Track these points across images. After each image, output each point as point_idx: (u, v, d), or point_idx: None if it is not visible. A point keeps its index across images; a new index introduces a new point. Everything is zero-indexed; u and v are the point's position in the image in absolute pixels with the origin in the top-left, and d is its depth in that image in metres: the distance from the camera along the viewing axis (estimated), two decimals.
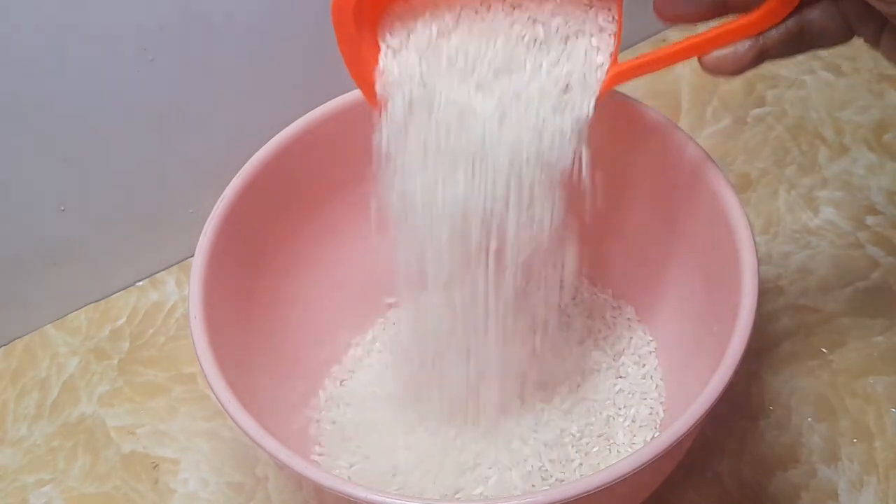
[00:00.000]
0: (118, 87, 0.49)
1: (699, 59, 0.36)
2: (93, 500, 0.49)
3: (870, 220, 0.56)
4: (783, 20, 0.35)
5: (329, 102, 0.46)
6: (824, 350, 0.51)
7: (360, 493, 0.34)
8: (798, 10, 0.35)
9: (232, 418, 0.37)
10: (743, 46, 0.35)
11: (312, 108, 0.46)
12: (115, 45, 0.47)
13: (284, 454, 0.35)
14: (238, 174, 0.44)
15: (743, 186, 0.58)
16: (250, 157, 0.45)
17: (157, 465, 0.49)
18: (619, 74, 0.37)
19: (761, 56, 0.36)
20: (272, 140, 0.45)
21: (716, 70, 0.36)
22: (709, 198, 0.42)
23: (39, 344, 0.55)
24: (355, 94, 0.47)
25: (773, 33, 0.35)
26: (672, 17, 0.36)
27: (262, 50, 0.51)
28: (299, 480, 0.40)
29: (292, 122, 0.46)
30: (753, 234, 0.40)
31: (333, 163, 0.48)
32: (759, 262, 0.39)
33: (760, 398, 0.49)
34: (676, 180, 0.45)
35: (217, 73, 0.51)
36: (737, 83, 0.64)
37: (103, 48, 0.47)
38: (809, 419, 0.48)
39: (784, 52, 0.36)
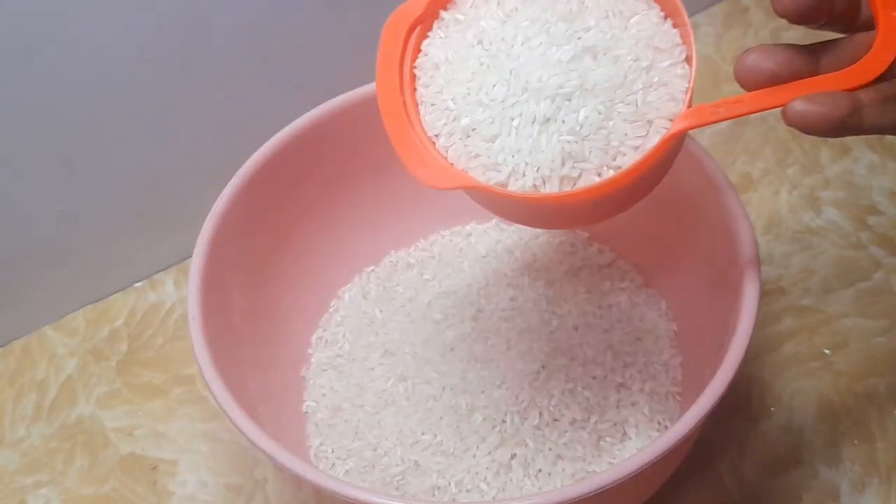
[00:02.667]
0: (116, 86, 0.48)
1: (782, 111, 0.32)
2: (91, 501, 0.48)
3: (872, 220, 0.56)
4: (877, 79, 0.31)
5: (326, 103, 0.47)
6: (826, 351, 0.50)
7: (360, 494, 0.34)
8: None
9: (231, 420, 0.37)
10: (835, 104, 0.31)
11: (310, 109, 0.46)
12: (114, 44, 0.47)
13: (283, 456, 0.35)
14: (236, 175, 0.44)
15: (744, 186, 0.58)
16: (248, 157, 0.45)
17: (155, 467, 0.49)
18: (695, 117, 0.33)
19: (855, 113, 0.31)
20: (270, 141, 0.45)
21: (801, 124, 0.31)
22: (710, 198, 0.42)
23: (37, 345, 0.55)
24: (352, 94, 0.47)
25: (869, 94, 0.31)
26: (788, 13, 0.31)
27: (260, 50, 0.51)
28: (299, 482, 0.40)
29: (290, 122, 0.46)
30: (755, 235, 0.40)
31: (331, 163, 0.48)
32: (761, 262, 0.39)
33: (762, 399, 0.49)
34: (677, 181, 0.45)
35: (215, 73, 0.51)
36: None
37: (102, 48, 0.47)
38: (811, 420, 0.48)
39: (883, 119, 0.31)
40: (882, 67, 0.32)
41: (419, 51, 0.36)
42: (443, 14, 0.36)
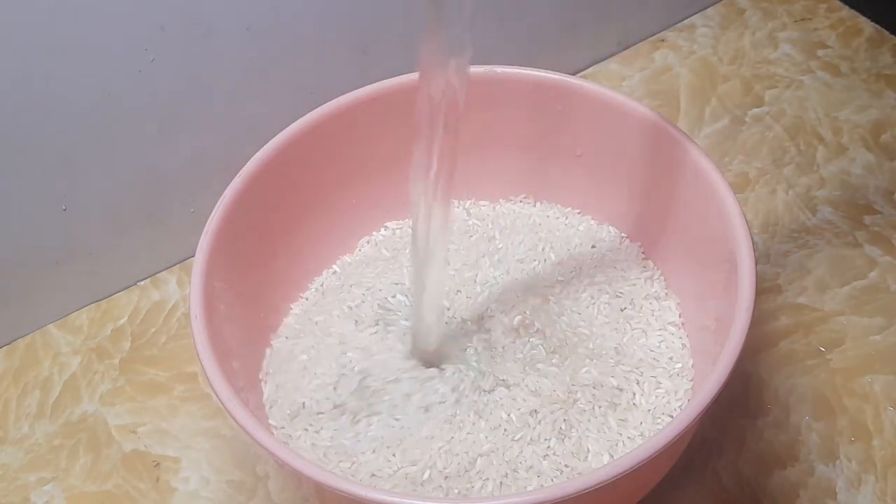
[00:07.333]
0: (119, 86, 0.49)
1: None
2: (94, 498, 0.49)
3: (867, 219, 0.56)
4: None
5: (328, 103, 0.47)
6: (822, 349, 0.51)
7: (360, 490, 0.35)
8: None
9: (233, 417, 0.37)
10: None
11: (312, 109, 0.47)
12: (117, 44, 0.47)
13: (284, 452, 0.36)
14: (238, 174, 0.45)
15: (741, 186, 0.58)
16: (250, 157, 0.45)
17: (158, 464, 0.50)
18: None
19: None
20: (272, 140, 0.46)
21: None
22: (707, 197, 0.42)
23: (41, 343, 0.55)
24: (353, 95, 0.47)
25: None
26: None
27: (262, 50, 0.52)
28: (299, 478, 0.40)
29: (292, 122, 0.46)
30: (751, 234, 0.40)
31: (332, 163, 0.49)
32: (758, 261, 0.40)
33: (759, 397, 0.49)
34: (675, 180, 0.45)
35: (217, 72, 0.51)
36: (735, 83, 0.64)
37: (104, 48, 0.47)
38: (808, 418, 0.48)
39: None
40: None
41: None
42: None
